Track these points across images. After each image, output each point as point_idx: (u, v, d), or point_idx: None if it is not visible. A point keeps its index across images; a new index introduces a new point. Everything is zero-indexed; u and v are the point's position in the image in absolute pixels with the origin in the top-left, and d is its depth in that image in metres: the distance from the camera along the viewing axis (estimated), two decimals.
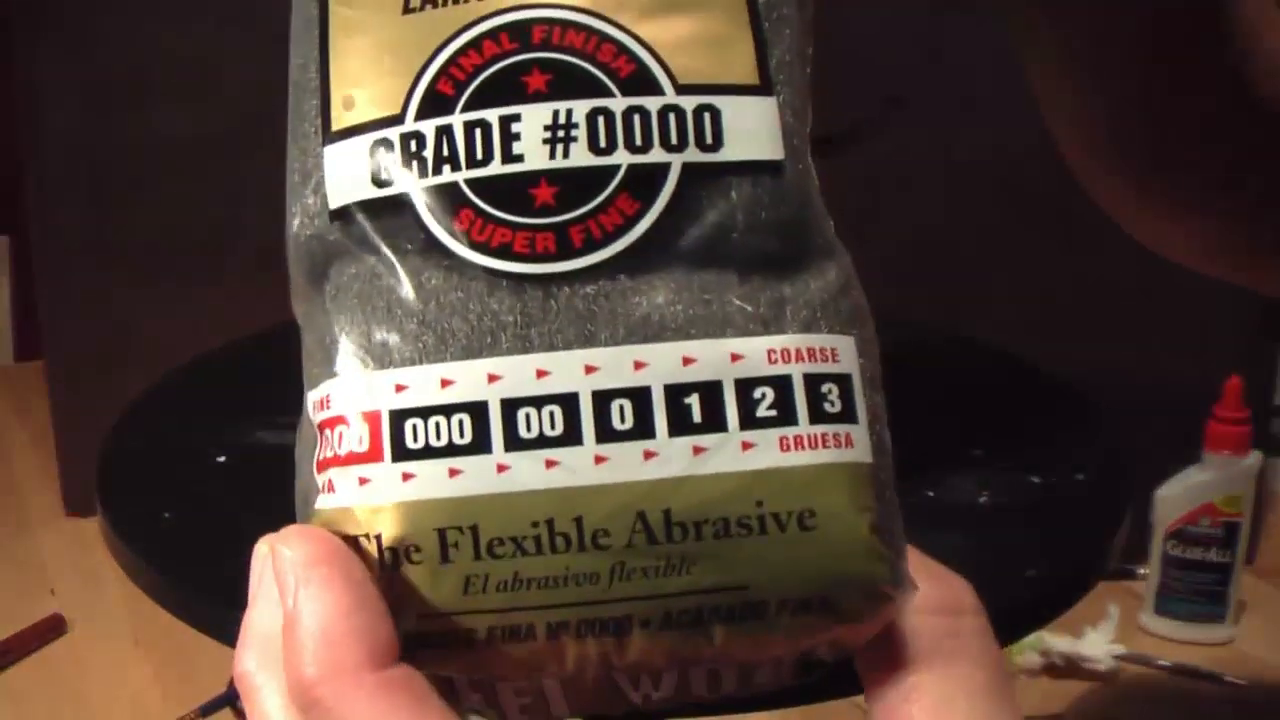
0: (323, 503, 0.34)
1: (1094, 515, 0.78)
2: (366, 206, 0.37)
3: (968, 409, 0.91)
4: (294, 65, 0.40)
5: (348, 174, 0.37)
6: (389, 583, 0.32)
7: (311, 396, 0.36)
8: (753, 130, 0.36)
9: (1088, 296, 1.71)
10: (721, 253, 0.35)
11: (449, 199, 0.36)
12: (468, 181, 0.35)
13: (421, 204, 0.36)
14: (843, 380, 0.34)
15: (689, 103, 0.36)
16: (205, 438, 0.89)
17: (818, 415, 0.33)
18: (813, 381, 0.34)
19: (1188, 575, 1.64)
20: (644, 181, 0.35)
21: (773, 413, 0.33)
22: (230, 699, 1.46)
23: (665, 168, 0.35)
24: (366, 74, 0.38)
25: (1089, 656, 1.57)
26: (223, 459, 0.86)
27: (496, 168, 0.35)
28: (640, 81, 0.36)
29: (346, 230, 0.37)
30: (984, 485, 0.80)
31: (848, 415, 0.34)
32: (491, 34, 0.37)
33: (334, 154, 0.37)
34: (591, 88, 0.36)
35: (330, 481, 0.34)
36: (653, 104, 0.36)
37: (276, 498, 0.51)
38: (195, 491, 0.84)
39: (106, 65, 1.74)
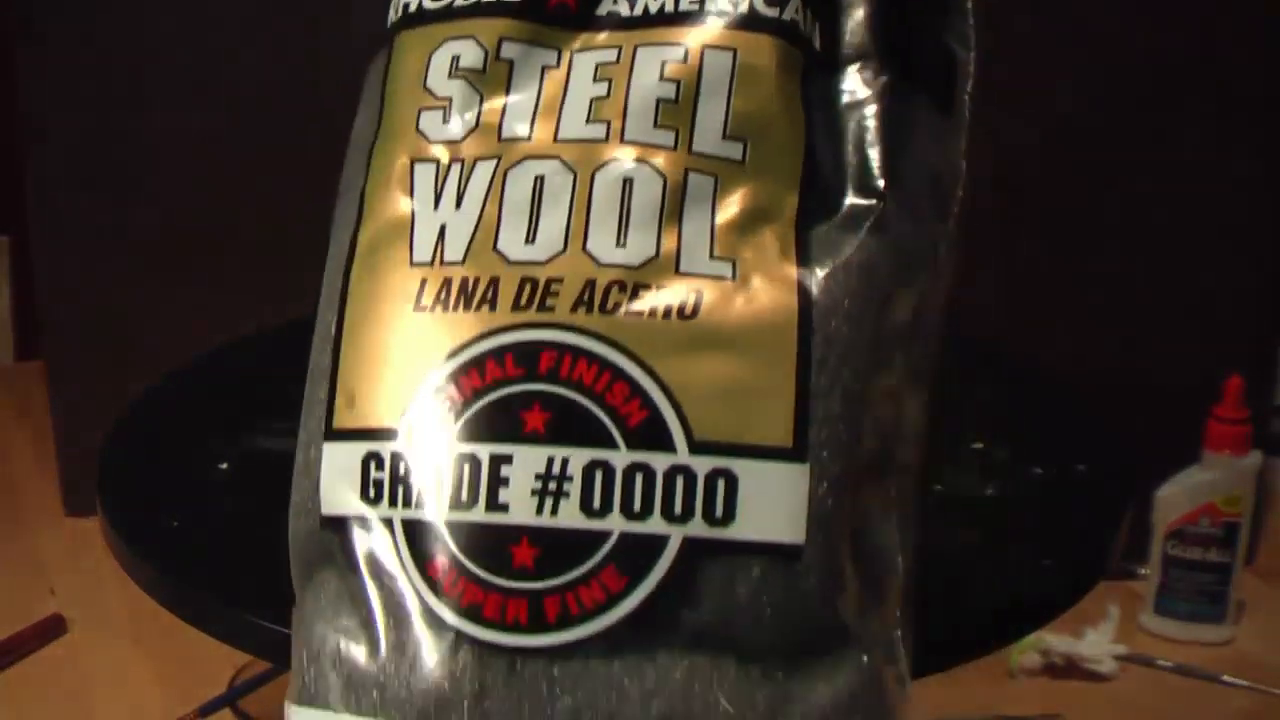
0: None
1: (1094, 515, 0.78)
2: (351, 523, 0.36)
3: (967, 411, 0.91)
4: (316, 338, 0.41)
5: (341, 480, 0.36)
6: None
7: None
8: (773, 505, 0.31)
9: (1087, 296, 1.71)
10: (719, 640, 0.31)
11: (427, 541, 0.34)
12: (449, 524, 0.33)
13: (400, 539, 0.34)
14: None
15: (702, 465, 0.31)
16: (205, 437, 0.89)
17: None
18: None
19: (1188, 575, 1.64)
20: (636, 554, 0.31)
21: None
22: (230, 699, 1.45)
23: (663, 541, 0.31)
24: (370, 373, 0.36)
25: (1089, 656, 1.57)
26: (223, 458, 0.86)
27: (479, 514, 0.33)
28: (649, 433, 0.32)
29: (333, 539, 0.37)
30: (983, 486, 0.80)
31: None
32: (497, 354, 0.34)
33: (332, 453, 0.37)
34: (593, 435, 0.32)
35: None
36: (660, 462, 0.31)
37: (276, 497, 0.51)
38: (196, 491, 0.84)
39: (106, 65, 1.73)
